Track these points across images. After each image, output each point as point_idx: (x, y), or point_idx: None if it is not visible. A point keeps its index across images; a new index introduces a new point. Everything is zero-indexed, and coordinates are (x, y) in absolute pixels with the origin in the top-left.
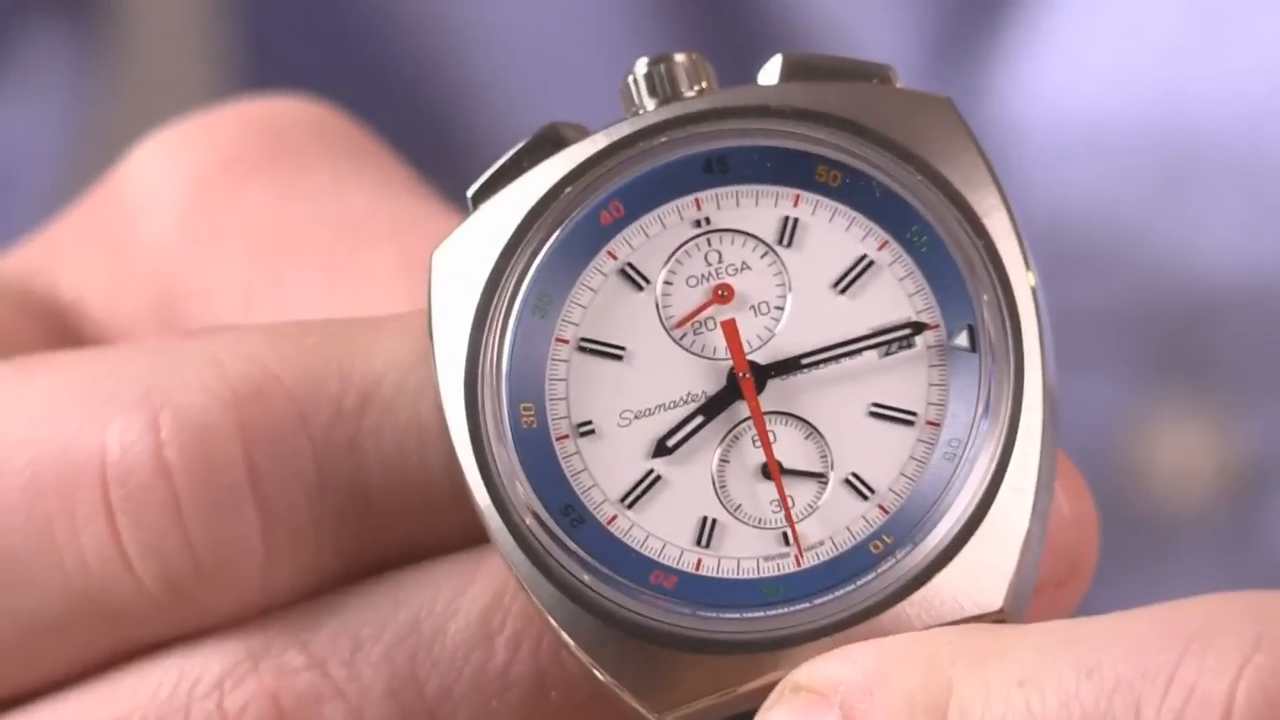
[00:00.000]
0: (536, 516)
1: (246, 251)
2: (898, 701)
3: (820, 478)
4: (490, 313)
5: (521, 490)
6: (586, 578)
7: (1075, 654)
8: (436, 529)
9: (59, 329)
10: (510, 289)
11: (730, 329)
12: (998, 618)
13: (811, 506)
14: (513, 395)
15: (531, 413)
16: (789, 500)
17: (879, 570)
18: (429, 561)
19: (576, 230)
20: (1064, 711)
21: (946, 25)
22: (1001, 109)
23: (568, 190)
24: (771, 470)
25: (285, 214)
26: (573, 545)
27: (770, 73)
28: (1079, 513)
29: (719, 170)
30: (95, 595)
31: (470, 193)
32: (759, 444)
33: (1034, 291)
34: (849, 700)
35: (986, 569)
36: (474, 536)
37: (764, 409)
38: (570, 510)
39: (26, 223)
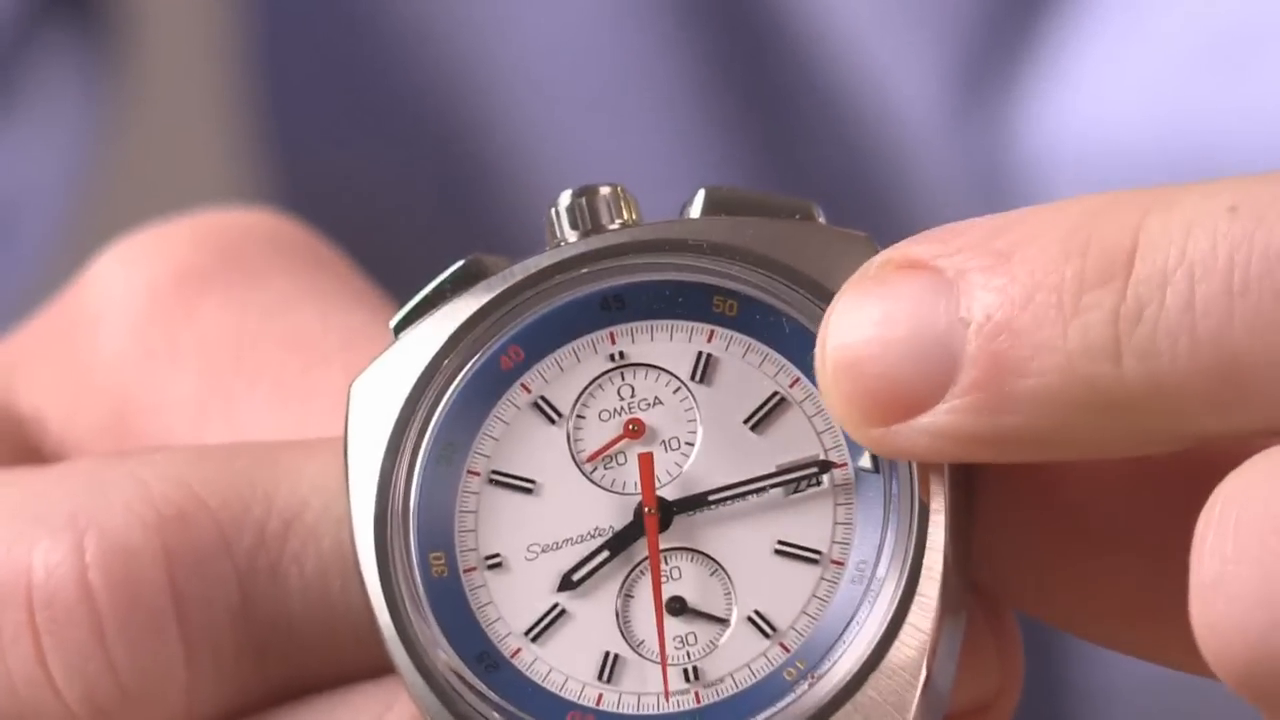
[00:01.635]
0: (449, 665)
1: (199, 366)
2: (1060, 246)
3: (722, 619)
4: (398, 457)
5: (435, 637)
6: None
7: None
8: (360, 657)
9: (18, 442)
10: (415, 435)
11: (646, 463)
12: None
13: (713, 644)
14: (422, 545)
15: (442, 562)
16: (677, 639)
17: (796, 694)
18: (351, 686)
19: (478, 376)
20: None
21: (971, 61)
22: (1026, 143)
23: (475, 330)
24: (656, 610)
25: (238, 329)
26: (488, 693)
27: (695, 207)
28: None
29: (615, 307)
30: (25, 717)
31: (392, 323)
32: (664, 579)
33: None
34: (975, 261)
35: (887, 706)
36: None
37: (669, 545)
38: (485, 657)
39: (32, 253)
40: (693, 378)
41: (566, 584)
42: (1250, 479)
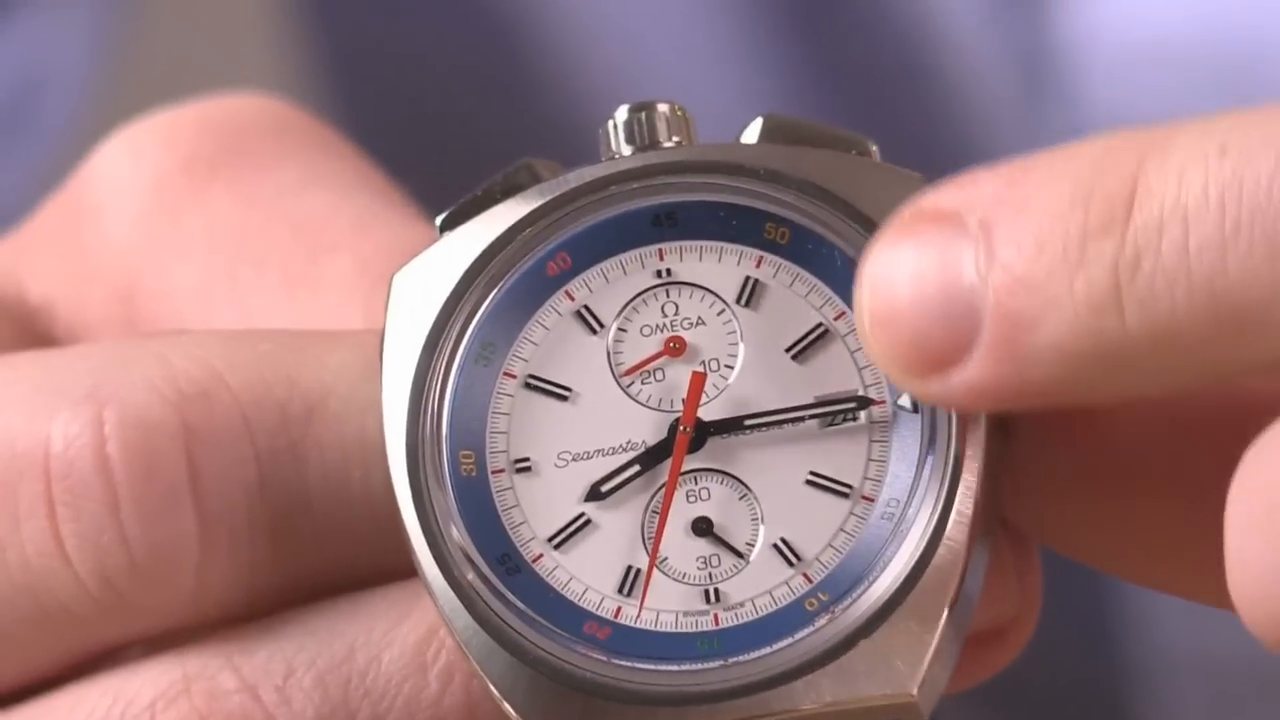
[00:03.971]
0: (471, 563)
1: (206, 253)
2: (1067, 197)
3: (749, 541)
4: (436, 353)
5: (458, 536)
6: (517, 624)
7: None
8: (377, 554)
9: (29, 331)
10: (455, 333)
11: (697, 382)
12: (909, 700)
13: (736, 567)
14: (453, 443)
15: (471, 461)
16: (701, 560)
17: (814, 626)
18: (368, 591)
19: (523, 280)
20: None
21: None
22: (1062, 29)
23: (524, 233)
24: (660, 521)
25: (245, 216)
26: (508, 595)
27: (751, 133)
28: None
29: (667, 224)
30: (36, 591)
31: (438, 220)
32: (693, 499)
33: None
34: (994, 213)
35: (905, 645)
36: (413, 568)
37: (701, 465)
38: (507, 559)
39: (57, 134)
40: (738, 301)
41: (594, 494)
42: None
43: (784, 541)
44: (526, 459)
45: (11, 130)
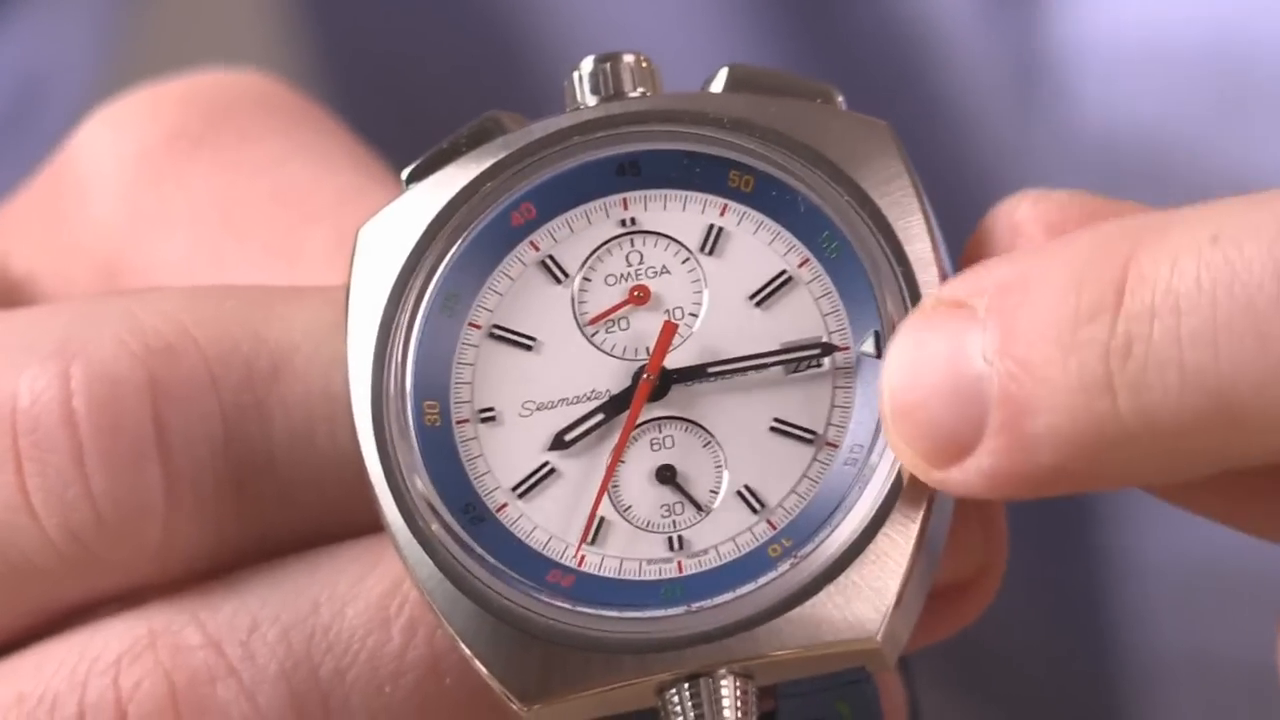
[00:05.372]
0: (435, 512)
1: (189, 227)
2: (1062, 283)
3: (712, 488)
4: (400, 305)
5: (421, 486)
6: (481, 573)
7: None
8: (344, 509)
9: (12, 304)
10: (420, 283)
11: (668, 331)
12: (872, 645)
13: (700, 515)
14: (417, 392)
15: (435, 410)
16: (665, 508)
17: (777, 571)
18: (334, 545)
19: (487, 230)
20: (1272, 260)
21: None
22: (1058, 30)
23: (488, 185)
24: (609, 466)
25: (228, 189)
26: (472, 544)
27: (717, 83)
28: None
29: (631, 174)
30: (2, 547)
31: (405, 173)
32: (656, 447)
33: None
34: (998, 300)
35: (869, 591)
36: (378, 522)
37: (665, 413)
38: (470, 509)
39: (61, 128)
40: (702, 249)
41: (559, 443)
42: None
43: (747, 488)
44: (491, 409)
45: (14, 128)
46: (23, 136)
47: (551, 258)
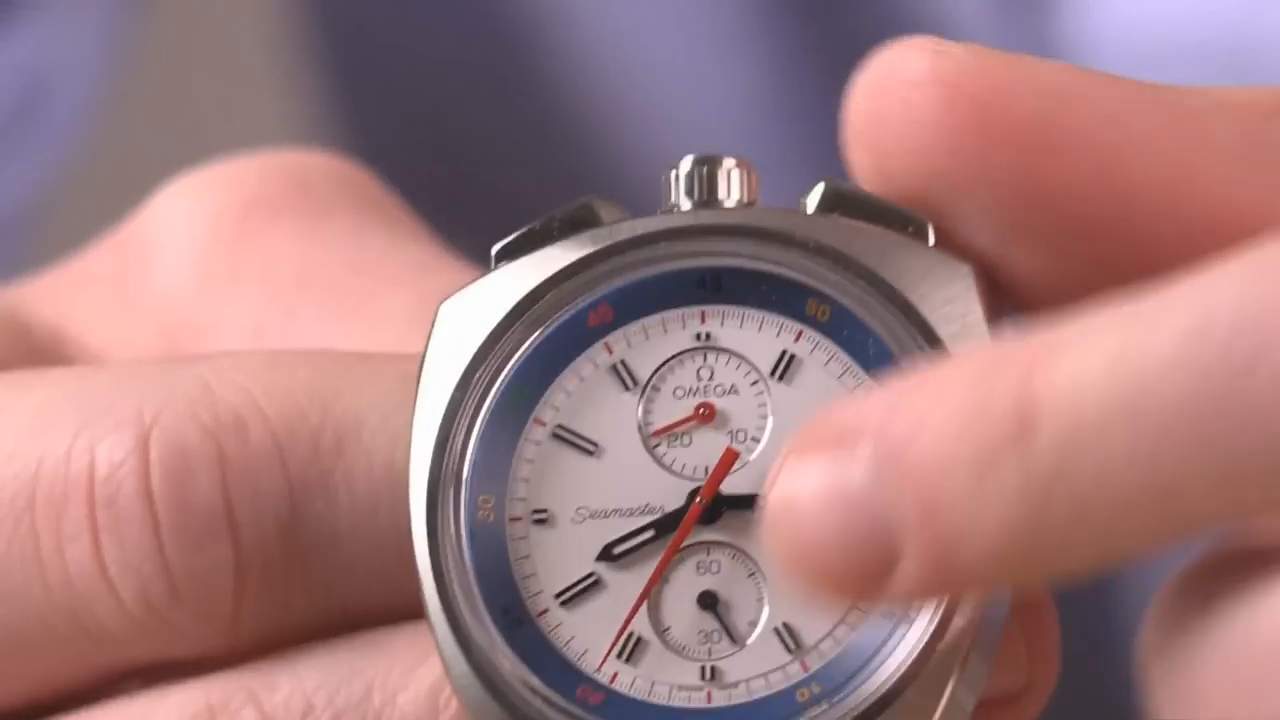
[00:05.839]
0: (474, 610)
1: (262, 287)
2: (960, 406)
3: (751, 620)
4: (469, 389)
5: (466, 581)
6: (512, 679)
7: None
8: (404, 588)
9: (56, 361)
10: (491, 371)
11: (728, 458)
12: None
13: (735, 646)
14: (473, 484)
15: (489, 505)
16: (702, 634)
17: (805, 716)
18: (391, 628)
19: (564, 327)
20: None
21: None
22: (1065, 28)
23: (573, 280)
24: (645, 589)
25: (305, 253)
26: (506, 648)
27: (811, 198)
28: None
29: (712, 287)
30: (76, 611)
31: (495, 249)
32: (703, 570)
33: None
34: (884, 429)
35: None
36: None
37: (715, 537)
38: (509, 612)
39: (66, 132)
40: (773, 374)
41: (607, 554)
42: None
43: (786, 626)
44: (545, 510)
45: (21, 129)
46: (30, 137)
47: (624, 363)
